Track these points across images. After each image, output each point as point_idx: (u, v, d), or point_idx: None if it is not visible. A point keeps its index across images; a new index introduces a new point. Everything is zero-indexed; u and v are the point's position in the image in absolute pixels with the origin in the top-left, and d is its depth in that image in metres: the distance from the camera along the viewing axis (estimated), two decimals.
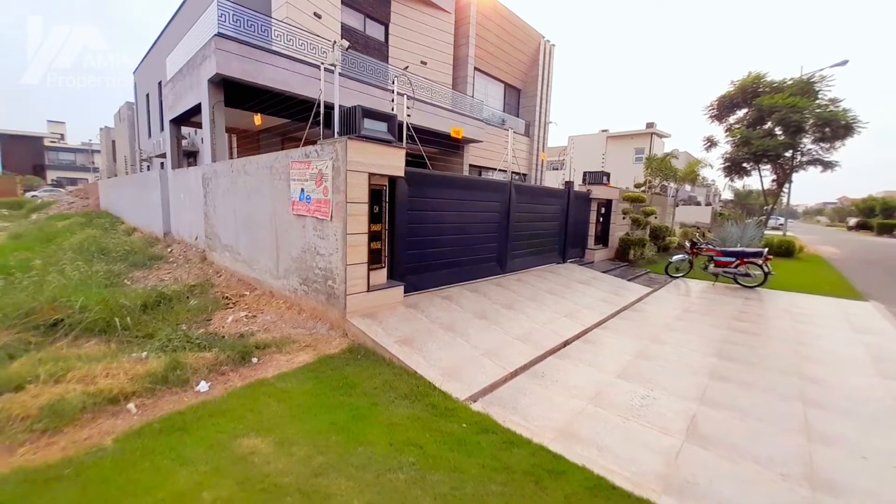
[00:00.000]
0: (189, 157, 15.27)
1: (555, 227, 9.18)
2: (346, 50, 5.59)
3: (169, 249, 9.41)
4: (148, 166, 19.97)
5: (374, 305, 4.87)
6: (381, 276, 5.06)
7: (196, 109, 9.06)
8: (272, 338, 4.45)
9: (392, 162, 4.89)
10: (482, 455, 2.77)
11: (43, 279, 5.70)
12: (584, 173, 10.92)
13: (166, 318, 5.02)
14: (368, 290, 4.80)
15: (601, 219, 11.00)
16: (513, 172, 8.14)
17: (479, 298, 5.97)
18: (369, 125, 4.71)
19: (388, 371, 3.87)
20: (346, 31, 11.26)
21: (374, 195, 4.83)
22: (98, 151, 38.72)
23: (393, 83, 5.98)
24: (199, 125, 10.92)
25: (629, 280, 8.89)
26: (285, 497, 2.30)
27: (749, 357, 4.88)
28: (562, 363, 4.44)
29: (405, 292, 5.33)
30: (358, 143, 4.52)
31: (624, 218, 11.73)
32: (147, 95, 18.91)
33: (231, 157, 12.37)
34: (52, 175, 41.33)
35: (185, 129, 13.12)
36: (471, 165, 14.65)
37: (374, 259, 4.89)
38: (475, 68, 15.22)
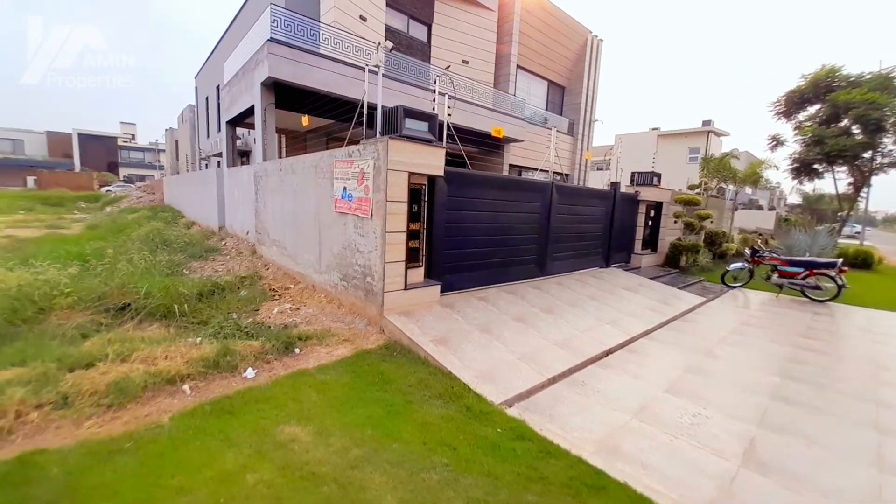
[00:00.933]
0: (243, 156, 16.26)
1: (598, 229, 8.82)
2: (390, 51, 5.68)
3: (223, 242, 10.04)
4: (206, 164, 21.48)
5: (411, 303, 4.90)
6: (418, 274, 5.09)
7: (249, 111, 9.60)
8: (313, 330, 4.60)
9: (432, 161, 4.90)
10: (517, 462, 2.69)
11: (114, 266, 6.26)
12: (633, 174, 10.40)
13: (219, 306, 5.33)
14: (406, 289, 4.85)
15: (650, 222, 10.43)
16: (555, 172, 7.90)
17: (516, 301, 5.85)
18: (410, 125, 4.75)
19: (423, 369, 3.88)
20: (390, 33, 11.46)
21: (414, 194, 4.87)
22: (163, 150, 42.28)
23: (435, 83, 6.01)
24: (252, 126, 11.57)
25: (680, 288, 8.36)
26: (322, 486, 2.36)
27: (817, 378, 4.41)
28: (604, 373, 4.24)
29: (441, 292, 5.33)
30: (399, 142, 4.57)
31: (675, 222, 11.06)
32: (206, 98, 20.31)
33: (280, 156, 13.01)
34: (123, 172, 45.50)
35: (239, 130, 13.95)
36: (511, 165, 14.42)
37: (411, 258, 4.92)
38: (518, 66, 14.96)
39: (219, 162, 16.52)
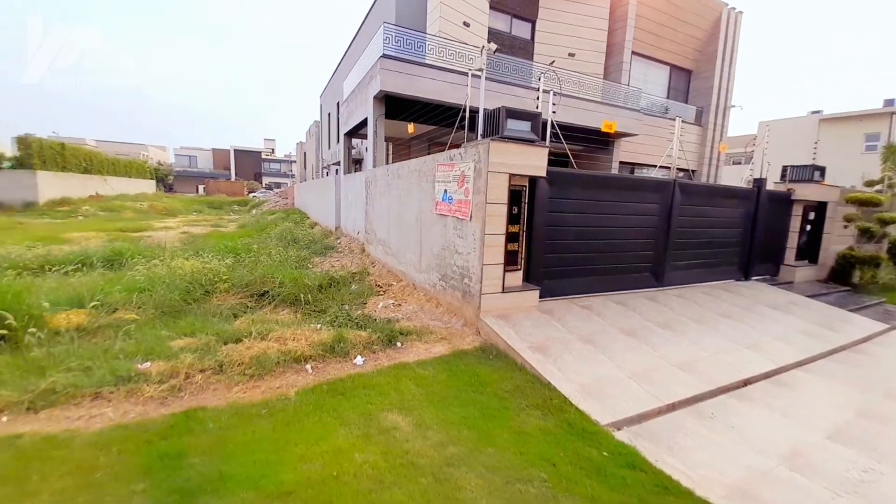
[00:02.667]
0: (356, 164, 18.04)
1: (735, 234, 7.47)
2: (493, 53, 5.66)
3: (338, 241, 11.26)
4: (326, 172, 24.40)
5: (508, 307, 4.80)
6: (516, 278, 4.96)
7: (363, 123, 10.60)
8: (413, 326, 4.82)
9: (533, 162, 4.74)
10: (627, 493, 2.41)
11: (257, 259, 7.45)
12: (784, 168, 8.52)
13: (334, 298, 5.95)
14: (503, 292, 4.76)
15: (808, 227, 8.44)
16: (678, 169, 6.86)
17: (626, 312, 5.29)
18: (512, 125, 4.66)
19: (520, 376, 3.75)
20: (493, 35, 11.49)
21: (514, 196, 4.76)
22: (294, 161, 49.46)
23: (539, 80, 5.80)
24: (364, 136, 12.76)
25: (851, 310, 6.60)
26: (420, 478, 2.44)
27: None
28: (740, 406, 3.56)
29: (540, 297, 5.11)
30: (500, 144, 4.51)
31: (846, 227, 8.77)
32: (328, 115, 23.07)
33: (387, 162, 14.07)
34: (265, 180, 54.53)
35: (354, 140, 15.52)
36: (621, 163, 13.21)
37: (510, 260, 4.82)
38: (632, 52, 13.63)
39: (337, 170, 18.62)
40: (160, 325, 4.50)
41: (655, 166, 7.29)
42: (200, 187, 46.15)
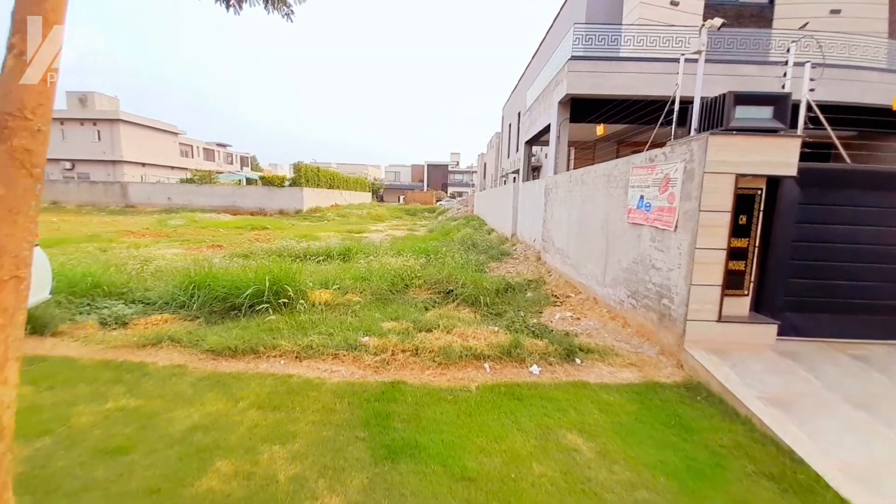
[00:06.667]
0: (535, 171, 18.15)
1: None
2: (718, 29, 4.67)
3: (514, 248, 11.51)
4: (504, 181, 25.44)
5: (727, 341, 3.83)
6: (740, 305, 3.93)
7: (545, 130, 10.52)
8: (595, 344, 4.43)
9: (774, 157, 3.68)
10: None
11: (444, 261, 8.32)
12: None
13: (510, 303, 6.07)
14: (719, 321, 3.83)
15: None
16: None
17: None
18: (743, 113, 3.74)
19: (743, 432, 2.93)
20: (710, 8, 9.60)
21: (742, 202, 3.80)
22: (475, 172, 53.66)
23: (788, 51, 4.44)
24: (545, 143, 12.69)
25: None
26: None
27: None
28: None
29: (779, 334, 3.88)
30: (723, 138, 3.69)
31: None
32: (509, 125, 24.00)
33: (568, 168, 13.60)
34: (450, 190, 61.13)
35: (533, 148, 15.64)
36: None
37: (732, 283, 3.85)
38: None
39: (514, 178, 19.15)
40: (374, 308, 5.53)
41: None
42: (401, 197, 55.70)
